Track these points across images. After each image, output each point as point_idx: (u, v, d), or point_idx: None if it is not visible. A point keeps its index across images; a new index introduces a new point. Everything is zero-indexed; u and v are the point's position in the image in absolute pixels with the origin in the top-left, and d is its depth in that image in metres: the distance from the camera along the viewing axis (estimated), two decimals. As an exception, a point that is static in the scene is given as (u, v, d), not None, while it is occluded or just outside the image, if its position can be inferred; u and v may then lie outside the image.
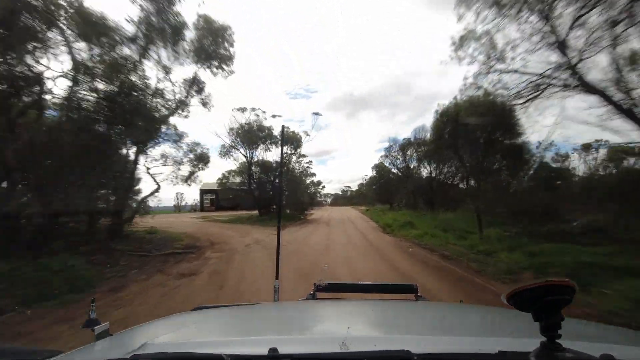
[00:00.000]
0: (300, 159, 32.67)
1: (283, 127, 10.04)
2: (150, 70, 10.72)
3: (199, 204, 41.41)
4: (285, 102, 64.53)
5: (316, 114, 25.57)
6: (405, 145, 28.12)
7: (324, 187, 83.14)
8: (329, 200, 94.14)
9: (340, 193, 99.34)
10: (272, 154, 26.49)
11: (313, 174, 37.71)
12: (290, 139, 24.92)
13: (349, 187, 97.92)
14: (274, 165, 23.69)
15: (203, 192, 30.31)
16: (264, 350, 0.65)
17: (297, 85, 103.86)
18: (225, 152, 24.08)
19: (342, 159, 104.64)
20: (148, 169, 10.22)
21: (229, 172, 26.03)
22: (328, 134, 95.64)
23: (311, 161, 39.48)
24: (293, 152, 24.42)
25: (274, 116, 24.19)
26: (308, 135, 24.05)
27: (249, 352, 0.69)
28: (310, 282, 1.57)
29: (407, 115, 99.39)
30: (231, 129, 22.82)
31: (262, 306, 1.48)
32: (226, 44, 10.84)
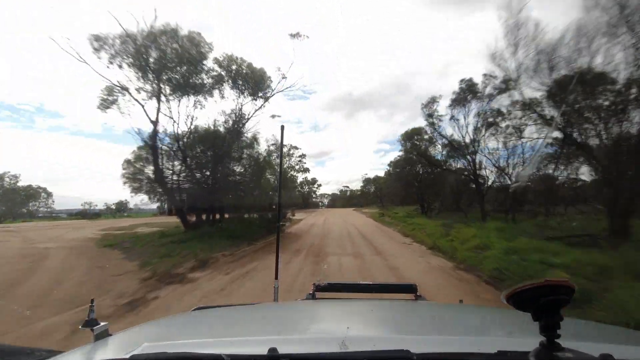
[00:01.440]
0: (292, 151, 27.09)
1: (282, 127, 3.55)
2: None
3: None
4: (283, 102, 64.51)
5: (296, 35, 14.35)
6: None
7: (319, 185, 68.75)
8: (326, 201, 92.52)
9: (338, 193, 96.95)
10: (215, 110, 18.27)
11: (306, 170, 32.41)
12: (248, 78, 13.74)
13: (347, 187, 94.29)
14: (226, 135, 13.39)
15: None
16: (263, 350, 0.64)
17: (294, 86, 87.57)
18: (107, 98, 12.00)
19: (340, 160, 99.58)
20: None
21: (141, 148, 14.15)
22: (327, 134, 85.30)
23: (304, 154, 34.25)
24: (253, 99, 13.84)
25: (273, 116, 16.31)
26: (285, 77, 13.64)
27: (248, 352, 0.68)
28: None
29: (406, 116, 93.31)
30: (95, 39, 11.03)
31: (262, 306, 1.44)
32: None
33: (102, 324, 0.91)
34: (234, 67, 12.96)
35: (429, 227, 13.95)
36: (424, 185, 22.99)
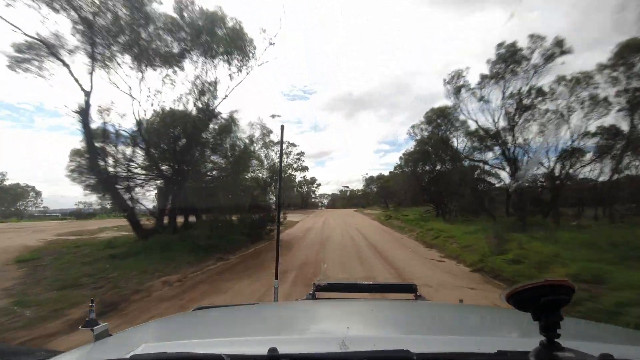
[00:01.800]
0: (290, 149, 25.21)
1: (282, 127, 3.28)
2: None
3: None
4: (283, 102, 59.97)
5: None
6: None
7: (318, 185, 67.16)
8: (325, 201, 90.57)
9: (338, 193, 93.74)
10: (179, 80, 10.92)
11: (305, 168, 32.05)
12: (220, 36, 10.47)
13: (347, 187, 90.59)
14: (194, 114, 10.52)
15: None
16: (263, 350, 0.64)
17: (295, 86, 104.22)
18: (20, 56, 8.54)
19: (340, 160, 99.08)
20: None
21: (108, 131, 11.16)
22: (327, 135, 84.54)
23: (302, 152, 32.31)
24: (230, 74, 10.61)
25: (272, 116, 17.60)
26: (272, 43, 10.93)
27: (248, 352, 0.67)
28: None
29: (406, 116, 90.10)
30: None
31: (262, 306, 1.46)
32: None
33: (102, 324, 0.93)
34: (203, 20, 9.84)
35: (458, 235, 10.94)
36: (440, 182, 19.55)
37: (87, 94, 9.62)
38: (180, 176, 11.49)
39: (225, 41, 10.78)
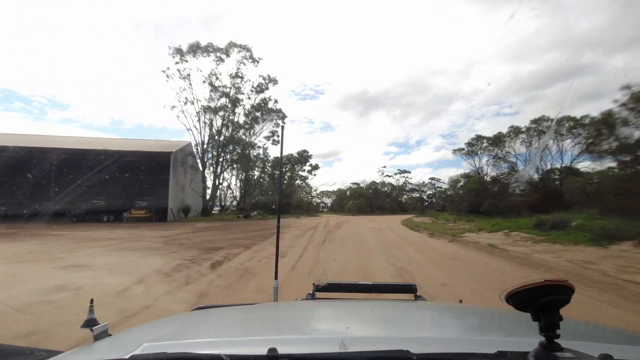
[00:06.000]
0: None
1: (282, 127, 7.21)
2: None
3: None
4: (293, 102, 66.12)
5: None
6: None
7: (315, 167, 49.15)
8: (329, 201, 71.06)
9: (345, 189, 68.46)
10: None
11: (278, 113, 22.59)
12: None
13: (357, 184, 66.45)
14: None
15: None
16: (263, 351, 0.66)
17: (306, 85, 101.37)
18: None
19: (348, 161, 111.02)
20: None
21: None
22: (336, 135, 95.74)
23: (274, 78, 25.27)
24: None
25: (272, 118, 19.67)
26: None
27: (248, 352, 0.69)
28: None
29: (421, 117, 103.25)
30: None
31: (262, 306, 1.41)
32: None
33: (101, 324, 0.93)
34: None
35: None
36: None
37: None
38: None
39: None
